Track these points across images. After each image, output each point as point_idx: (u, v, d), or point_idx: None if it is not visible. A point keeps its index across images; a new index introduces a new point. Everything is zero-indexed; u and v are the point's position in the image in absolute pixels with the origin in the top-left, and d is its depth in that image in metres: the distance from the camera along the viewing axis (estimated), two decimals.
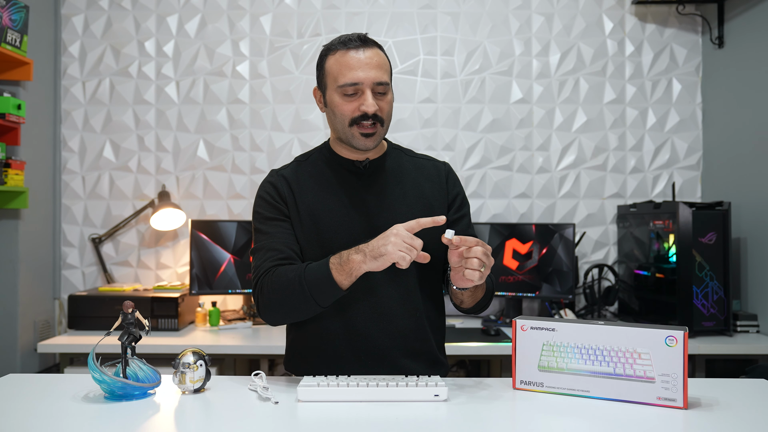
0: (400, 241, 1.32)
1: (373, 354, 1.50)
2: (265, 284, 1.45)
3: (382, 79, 1.48)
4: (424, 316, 1.54)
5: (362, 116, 1.47)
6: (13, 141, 2.66)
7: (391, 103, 1.53)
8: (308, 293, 1.39)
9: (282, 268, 1.45)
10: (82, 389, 1.40)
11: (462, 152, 3.12)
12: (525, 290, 2.89)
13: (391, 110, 1.53)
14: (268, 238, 1.51)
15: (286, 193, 1.55)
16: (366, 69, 1.47)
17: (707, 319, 2.56)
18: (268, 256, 1.48)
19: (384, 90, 1.50)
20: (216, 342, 2.55)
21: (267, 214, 1.54)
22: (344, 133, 1.51)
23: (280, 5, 3.13)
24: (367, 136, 1.49)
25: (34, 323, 2.85)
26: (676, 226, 2.57)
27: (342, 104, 1.49)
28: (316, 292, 1.39)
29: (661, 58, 3.15)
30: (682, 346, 1.28)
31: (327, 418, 1.23)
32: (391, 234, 1.34)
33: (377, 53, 1.50)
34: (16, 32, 2.57)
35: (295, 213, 1.54)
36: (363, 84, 1.47)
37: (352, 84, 1.47)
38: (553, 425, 1.22)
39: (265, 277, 1.46)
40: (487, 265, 1.34)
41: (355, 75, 1.47)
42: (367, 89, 1.47)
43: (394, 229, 1.35)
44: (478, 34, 3.14)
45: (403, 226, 1.35)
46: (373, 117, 1.48)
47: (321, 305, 1.41)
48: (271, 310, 1.46)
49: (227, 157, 3.12)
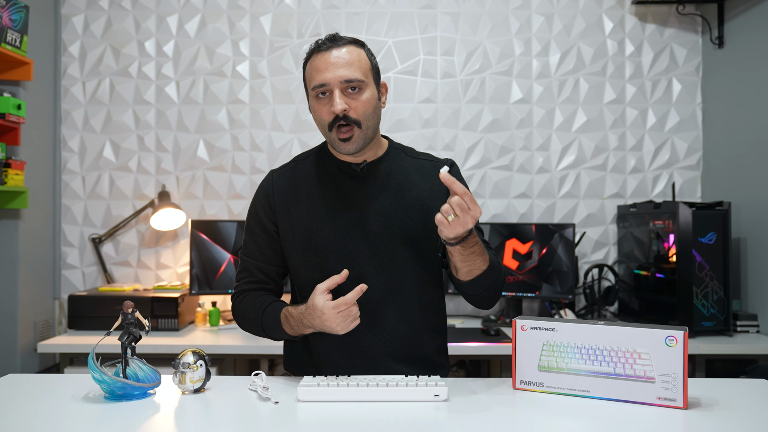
0: (343, 322, 1.39)
1: (367, 359, 1.49)
2: (235, 306, 1.60)
3: (350, 76, 1.42)
4: (421, 320, 1.52)
5: (335, 119, 1.44)
6: (13, 141, 2.66)
7: (371, 102, 1.45)
8: (265, 333, 1.54)
9: (248, 299, 1.57)
10: (82, 389, 1.40)
11: (462, 152, 3.12)
12: (525, 290, 2.88)
13: (369, 110, 1.45)
14: (248, 256, 1.60)
15: (278, 201, 1.55)
16: (333, 69, 1.43)
17: (707, 319, 2.56)
18: (242, 276, 1.60)
19: (357, 86, 1.43)
20: (216, 342, 2.55)
21: (252, 228, 1.60)
22: (328, 139, 1.50)
23: (280, 5, 3.13)
24: (344, 141, 1.44)
25: (34, 323, 2.85)
26: (676, 226, 2.57)
27: (317, 108, 1.47)
28: (272, 334, 1.54)
29: (661, 58, 3.15)
30: (682, 346, 1.28)
31: (327, 418, 1.23)
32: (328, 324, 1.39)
33: (349, 51, 1.45)
34: (16, 32, 2.57)
35: (287, 218, 1.54)
36: (330, 84, 1.43)
37: (320, 86, 1.44)
38: (553, 425, 1.22)
39: (237, 298, 1.60)
40: (462, 218, 1.28)
41: (322, 76, 1.44)
42: (335, 89, 1.43)
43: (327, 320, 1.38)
44: (478, 34, 3.14)
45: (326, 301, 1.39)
46: (345, 118, 1.43)
47: (278, 340, 1.56)
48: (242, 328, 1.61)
49: (227, 157, 3.12)
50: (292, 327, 1.47)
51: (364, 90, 1.45)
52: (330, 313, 1.37)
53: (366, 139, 1.48)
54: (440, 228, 1.32)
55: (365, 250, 1.49)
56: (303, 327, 1.44)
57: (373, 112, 1.47)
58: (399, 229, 1.50)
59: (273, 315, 1.50)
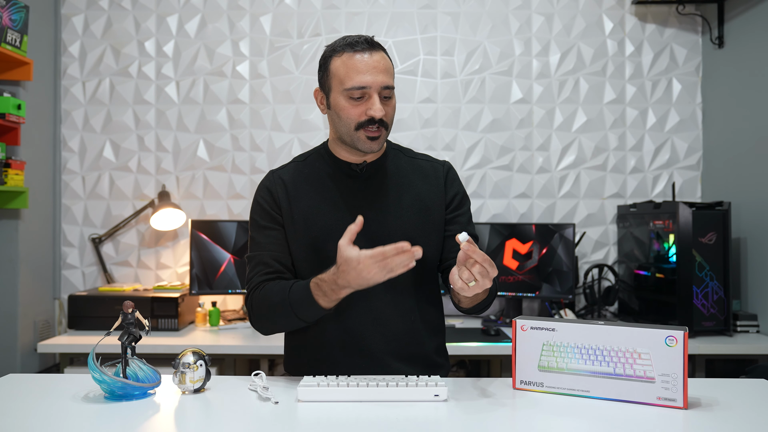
0: (381, 272, 1.29)
1: (368, 357, 1.49)
2: (254, 300, 1.49)
3: (389, 83, 1.48)
4: (420, 319, 1.53)
5: (369, 121, 1.47)
6: (13, 141, 2.66)
7: (395, 107, 1.54)
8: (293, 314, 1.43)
9: (269, 285, 1.48)
10: (82, 389, 1.40)
11: (462, 152, 3.12)
12: (525, 290, 2.88)
13: (394, 115, 1.54)
14: (260, 249, 1.53)
15: (281, 197, 1.55)
16: (374, 73, 1.46)
17: (707, 319, 2.56)
18: (258, 270, 1.52)
19: (389, 94, 1.50)
20: (216, 342, 2.55)
21: (261, 222, 1.56)
22: (349, 136, 1.50)
23: (280, 5, 3.13)
24: (372, 140, 1.49)
25: (34, 323, 2.85)
26: (676, 226, 2.57)
27: (348, 108, 1.48)
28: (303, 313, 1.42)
29: (661, 58, 3.15)
30: (682, 346, 1.28)
31: (327, 418, 1.23)
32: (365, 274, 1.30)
33: (384, 57, 1.50)
34: (16, 32, 2.57)
35: (289, 217, 1.54)
36: (371, 88, 1.46)
37: (360, 88, 1.46)
38: (553, 425, 1.22)
39: (254, 293, 1.50)
40: (482, 282, 1.28)
41: (363, 79, 1.45)
42: (374, 93, 1.46)
43: (363, 270, 1.30)
44: (478, 34, 3.14)
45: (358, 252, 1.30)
46: (379, 122, 1.47)
47: (307, 322, 1.45)
48: (261, 324, 1.51)
49: (227, 157, 3.12)
50: (326, 293, 1.37)
51: (393, 96, 1.52)
52: (367, 262, 1.29)
53: (385, 140, 1.54)
54: (457, 290, 1.30)
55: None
56: (338, 288, 1.35)
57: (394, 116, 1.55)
58: (399, 229, 1.51)
59: (301, 290, 1.41)
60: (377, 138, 1.49)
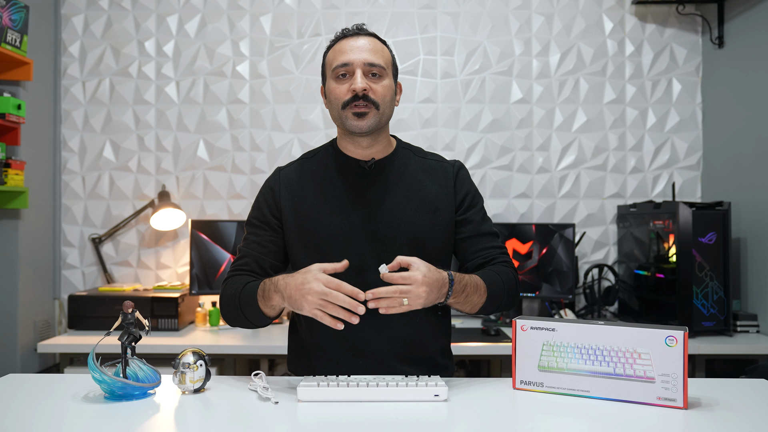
0: (316, 299, 1.31)
1: (371, 359, 1.49)
2: (222, 291, 1.54)
3: (373, 60, 1.48)
4: (425, 321, 1.52)
5: (353, 97, 1.47)
6: (13, 141, 2.66)
7: (389, 89, 1.50)
8: (239, 309, 1.47)
9: (233, 278, 1.52)
10: (82, 389, 1.40)
11: (462, 152, 3.12)
12: (525, 290, 2.88)
13: (388, 96, 1.50)
14: (246, 246, 1.57)
15: (285, 197, 1.55)
16: (357, 52, 1.48)
17: (707, 319, 2.56)
18: (236, 266, 1.56)
19: (378, 72, 1.48)
20: (216, 342, 2.55)
21: (255, 221, 1.59)
22: (339, 119, 1.51)
23: (280, 5, 3.13)
24: (359, 116, 1.47)
25: (34, 323, 2.85)
26: (676, 226, 2.57)
27: (335, 88, 1.50)
28: (245, 310, 1.46)
29: (661, 58, 3.15)
30: (682, 346, 1.28)
31: (327, 418, 1.23)
32: (308, 287, 1.32)
33: (372, 40, 1.51)
34: (16, 32, 2.57)
35: (294, 216, 1.53)
36: (353, 65, 1.47)
37: (342, 65, 1.48)
38: (553, 425, 1.22)
39: (223, 284, 1.55)
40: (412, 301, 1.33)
41: (346, 57, 1.48)
42: (357, 69, 1.47)
43: (310, 283, 1.32)
44: (478, 34, 3.14)
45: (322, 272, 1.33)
46: (364, 98, 1.46)
47: (251, 321, 1.49)
48: (223, 315, 1.55)
49: (227, 157, 3.12)
50: (264, 293, 1.41)
51: (384, 77, 1.50)
52: (316, 284, 1.31)
53: (379, 124, 1.50)
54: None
55: (371, 249, 1.49)
56: (275, 290, 1.38)
57: (391, 100, 1.52)
58: (407, 229, 1.50)
59: (251, 288, 1.45)
60: (365, 115, 1.47)
